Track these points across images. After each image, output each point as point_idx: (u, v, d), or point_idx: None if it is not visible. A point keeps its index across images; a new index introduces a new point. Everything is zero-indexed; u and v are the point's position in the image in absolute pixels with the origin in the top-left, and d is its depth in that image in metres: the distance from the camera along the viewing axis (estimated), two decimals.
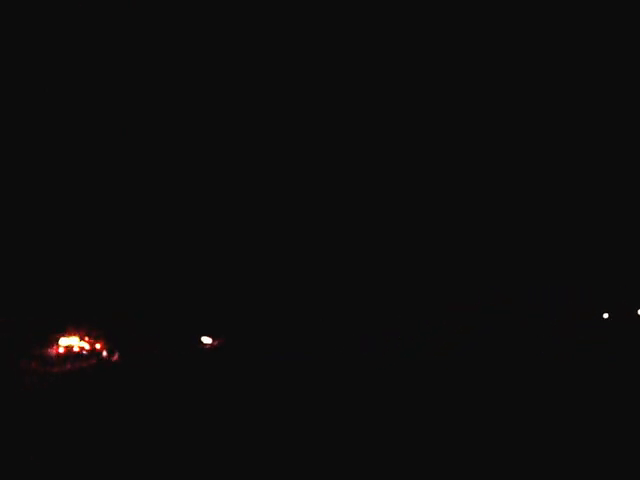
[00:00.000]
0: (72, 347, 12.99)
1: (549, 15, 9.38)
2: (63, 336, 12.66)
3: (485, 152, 10.19)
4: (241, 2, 9.46)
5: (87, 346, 13.01)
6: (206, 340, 13.64)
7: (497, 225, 10.44)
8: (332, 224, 10.54)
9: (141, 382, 9.53)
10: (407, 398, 7.60)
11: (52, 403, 7.76)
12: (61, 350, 12.69)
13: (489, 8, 9.19)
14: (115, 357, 12.90)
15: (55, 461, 4.78)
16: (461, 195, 10.55)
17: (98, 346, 13.08)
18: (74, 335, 12.98)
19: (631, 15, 9.10)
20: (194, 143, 10.57)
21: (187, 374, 10.15)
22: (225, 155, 10.41)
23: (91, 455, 4.96)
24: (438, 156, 10.09)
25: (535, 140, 10.56)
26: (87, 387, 9.44)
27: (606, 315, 13.06)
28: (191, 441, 5.37)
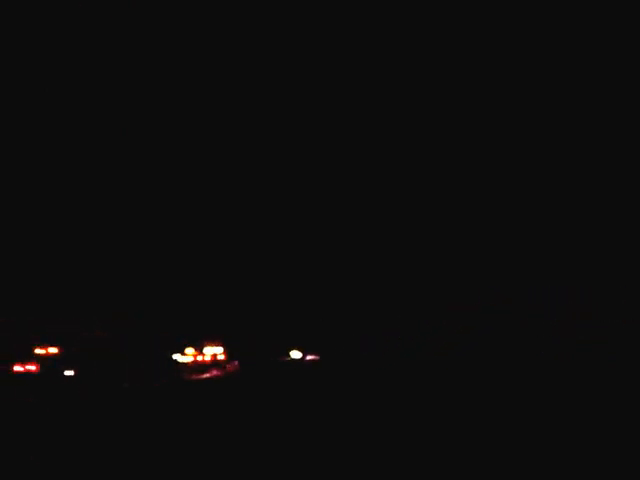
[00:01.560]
0: (217, 355, 13.84)
1: (549, 15, 9.42)
2: (209, 345, 13.40)
3: (485, 152, 10.23)
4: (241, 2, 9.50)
5: (226, 355, 13.63)
6: (295, 355, 13.58)
7: (497, 225, 10.47)
8: (335, 225, 10.57)
9: (254, 388, 9.91)
10: (407, 398, 7.63)
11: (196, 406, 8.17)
12: (207, 358, 13.42)
13: (489, 8, 9.23)
14: (236, 366, 13.27)
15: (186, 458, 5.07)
16: (461, 195, 10.60)
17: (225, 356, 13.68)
18: (218, 345, 13.89)
19: (631, 15, 9.13)
20: (195, 143, 10.61)
21: (278, 387, 10.36)
22: (233, 156, 10.44)
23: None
24: (438, 156, 10.12)
25: (535, 140, 10.60)
26: (222, 391, 9.92)
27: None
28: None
